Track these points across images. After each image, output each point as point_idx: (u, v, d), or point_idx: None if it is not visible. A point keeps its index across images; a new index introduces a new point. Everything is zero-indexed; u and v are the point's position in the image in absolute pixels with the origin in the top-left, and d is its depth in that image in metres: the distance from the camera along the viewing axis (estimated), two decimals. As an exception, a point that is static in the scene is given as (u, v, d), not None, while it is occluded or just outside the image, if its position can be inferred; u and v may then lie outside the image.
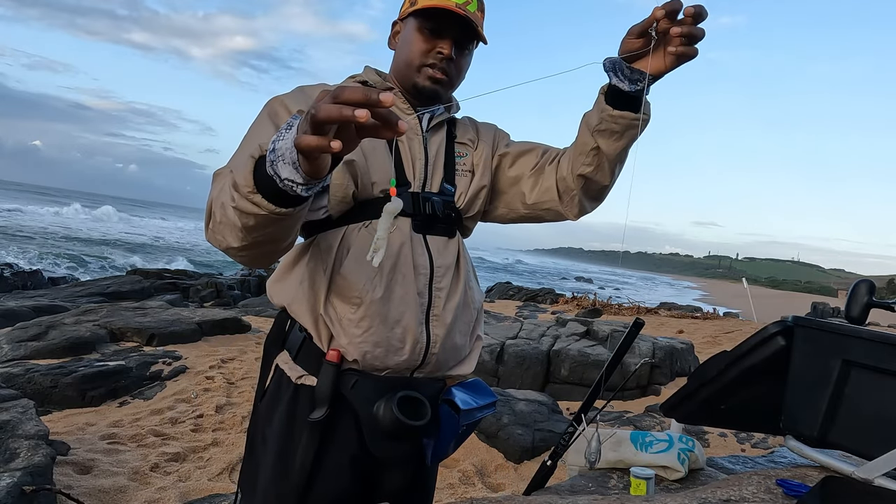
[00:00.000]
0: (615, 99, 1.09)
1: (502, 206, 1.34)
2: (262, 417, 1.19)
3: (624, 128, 1.11)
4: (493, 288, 19.04)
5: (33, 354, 4.97)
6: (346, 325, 1.10)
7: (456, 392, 1.21)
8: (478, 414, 1.23)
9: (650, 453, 1.32)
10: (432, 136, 1.26)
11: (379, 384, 1.12)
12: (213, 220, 0.94)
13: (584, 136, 1.17)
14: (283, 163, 0.75)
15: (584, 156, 1.18)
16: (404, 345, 1.12)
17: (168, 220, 69.91)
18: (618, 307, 13.47)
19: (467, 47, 1.21)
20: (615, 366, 1.43)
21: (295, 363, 1.16)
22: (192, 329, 6.01)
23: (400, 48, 1.23)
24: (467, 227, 1.32)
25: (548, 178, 1.27)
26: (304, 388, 1.14)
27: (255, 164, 0.81)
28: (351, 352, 1.11)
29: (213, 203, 0.95)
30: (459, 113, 1.36)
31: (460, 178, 1.26)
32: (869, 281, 1.08)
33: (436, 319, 1.16)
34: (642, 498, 1.05)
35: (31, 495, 2.39)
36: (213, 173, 1.03)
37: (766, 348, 1.05)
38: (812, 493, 0.93)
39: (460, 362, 1.24)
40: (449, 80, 1.20)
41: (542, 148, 1.33)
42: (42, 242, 25.95)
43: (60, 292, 9.97)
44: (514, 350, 5.84)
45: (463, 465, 3.59)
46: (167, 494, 2.89)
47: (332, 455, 1.13)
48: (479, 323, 1.31)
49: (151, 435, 3.65)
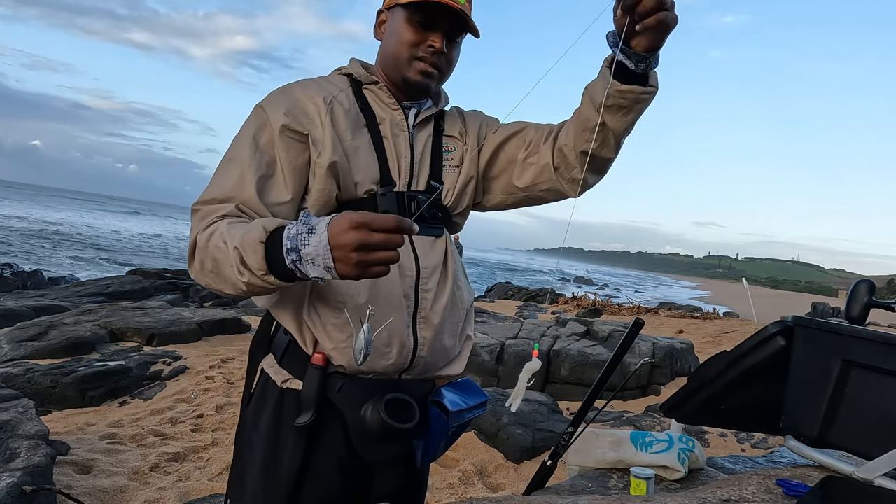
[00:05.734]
0: (621, 72, 1.03)
1: (499, 193, 1.30)
2: (248, 423, 1.16)
3: (632, 102, 1.06)
4: (493, 288, 19.04)
5: (33, 354, 4.97)
6: (329, 331, 1.08)
7: (445, 393, 1.19)
8: (468, 415, 1.20)
9: (650, 453, 1.32)
10: (419, 131, 1.21)
11: (366, 387, 1.10)
12: (203, 267, 1.00)
13: (588, 112, 1.11)
14: (314, 265, 0.87)
15: (588, 132, 1.12)
16: (391, 348, 1.10)
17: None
18: (618, 307, 13.47)
19: (457, 39, 1.18)
20: (615, 366, 1.43)
21: (280, 367, 1.14)
22: (192, 329, 6.01)
23: (387, 39, 1.18)
24: (456, 223, 1.28)
25: (543, 156, 1.21)
26: (289, 393, 1.11)
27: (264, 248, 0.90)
28: (336, 357, 1.09)
29: (200, 251, 1.00)
30: (447, 105, 1.31)
31: (448, 174, 1.22)
32: (869, 281, 1.08)
33: (423, 321, 1.13)
34: (642, 498, 1.04)
35: (31, 495, 2.38)
36: (191, 207, 1.06)
37: (766, 348, 1.05)
38: (812, 493, 0.93)
39: (450, 363, 1.22)
40: (440, 74, 1.17)
41: (534, 126, 1.27)
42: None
43: (60, 292, 9.97)
44: (514, 350, 5.84)
45: (463, 465, 3.59)
46: (167, 494, 2.89)
47: (319, 460, 1.11)
48: (469, 322, 1.27)
49: (151, 435, 3.65)
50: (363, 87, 1.19)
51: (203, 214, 1.03)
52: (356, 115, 1.14)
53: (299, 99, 1.11)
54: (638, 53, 1.00)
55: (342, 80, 1.19)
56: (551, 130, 1.23)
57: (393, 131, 1.17)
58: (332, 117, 1.10)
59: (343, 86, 1.17)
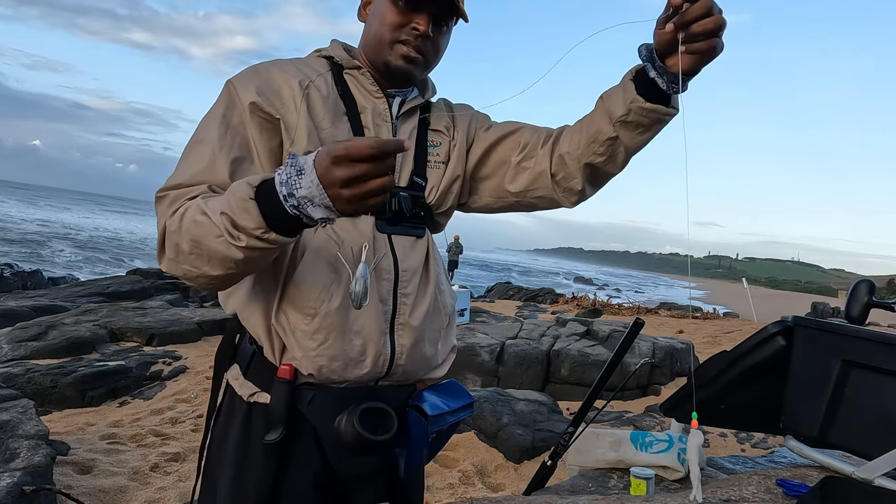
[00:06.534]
0: (646, 88, 0.96)
1: (487, 195, 1.22)
2: (216, 438, 1.08)
3: (653, 122, 1.00)
4: (493, 288, 19.04)
5: (33, 354, 4.97)
6: (299, 337, 0.99)
7: (426, 396, 1.11)
8: (450, 418, 1.13)
9: (650, 453, 1.32)
10: (402, 122, 1.13)
11: (339, 397, 1.02)
12: (179, 251, 0.88)
13: (601, 124, 1.03)
14: (314, 206, 0.77)
15: (597, 144, 1.05)
16: (365, 357, 1.02)
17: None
18: (618, 307, 13.48)
19: (446, 24, 1.09)
20: (615, 366, 1.43)
21: (245, 379, 1.06)
22: (192, 329, 6.02)
23: (370, 21, 1.10)
24: (438, 222, 1.20)
25: (540, 163, 1.13)
26: (257, 407, 1.03)
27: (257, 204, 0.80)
28: (305, 365, 1.00)
29: (173, 235, 0.89)
30: (434, 96, 1.22)
31: (432, 171, 1.14)
32: (869, 281, 1.08)
33: (401, 328, 1.05)
34: (642, 498, 1.05)
35: (31, 495, 2.39)
36: (155, 195, 0.95)
37: (766, 348, 1.05)
38: (812, 493, 0.93)
39: (432, 370, 1.15)
40: (424, 60, 1.08)
41: (529, 128, 1.19)
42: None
43: (60, 292, 9.97)
44: (514, 350, 5.84)
45: (463, 465, 3.59)
46: (167, 494, 2.89)
47: (292, 478, 1.04)
48: (452, 329, 1.20)
49: (151, 435, 3.65)
50: (344, 71, 1.11)
51: (171, 200, 0.93)
52: (335, 101, 1.07)
53: (274, 80, 1.03)
54: (673, 73, 0.93)
55: (321, 64, 1.11)
56: (549, 135, 1.16)
57: (375, 121, 1.09)
58: (308, 103, 1.03)
59: (322, 69, 1.09)
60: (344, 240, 1.01)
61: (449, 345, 1.19)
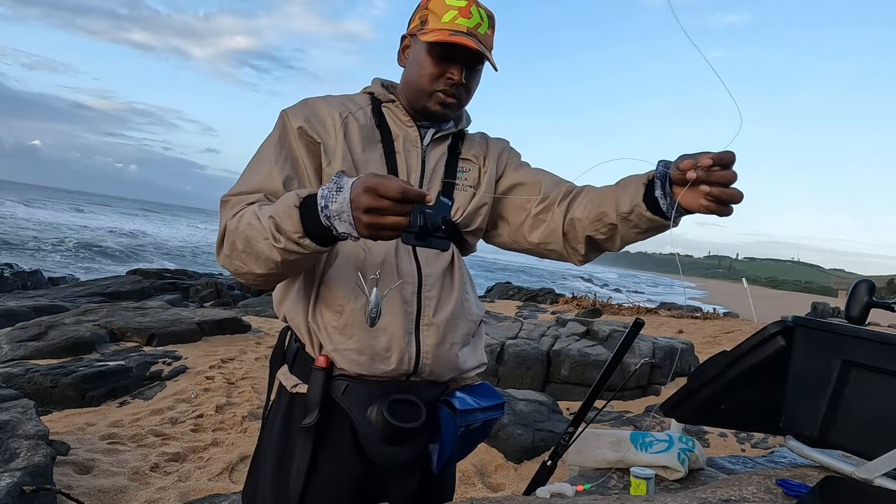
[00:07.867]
0: (653, 199, 1.05)
1: (506, 235, 1.32)
2: (265, 432, 1.21)
3: (649, 228, 1.09)
4: (493, 288, 19.05)
5: (33, 354, 4.97)
6: (330, 332, 1.12)
7: (457, 393, 1.20)
8: (479, 415, 1.20)
9: (650, 453, 1.32)
10: (433, 148, 1.24)
11: (372, 389, 1.12)
12: (234, 249, 1.03)
13: (608, 208, 1.13)
14: (341, 221, 0.90)
15: (601, 224, 1.15)
16: (390, 353, 1.12)
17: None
18: (618, 307, 13.47)
19: (477, 67, 1.20)
20: (615, 366, 1.43)
21: (291, 374, 1.18)
22: (192, 329, 6.01)
23: (409, 68, 1.22)
24: (468, 241, 1.28)
25: (556, 219, 1.23)
26: (298, 397, 1.15)
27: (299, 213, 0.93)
28: (337, 358, 1.12)
29: (231, 233, 1.03)
30: (471, 127, 1.33)
31: (460, 193, 1.24)
32: (869, 281, 1.08)
33: (426, 328, 1.15)
34: (642, 498, 1.04)
35: (31, 495, 2.39)
36: (220, 199, 1.12)
37: (766, 348, 1.05)
38: (812, 493, 0.93)
39: (463, 373, 1.23)
40: (458, 103, 1.20)
41: (553, 180, 1.28)
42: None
43: (60, 292, 9.98)
44: (514, 350, 5.84)
45: (463, 465, 3.59)
46: (167, 494, 2.89)
47: (327, 460, 1.13)
48: (481, 340, 1.28)
49: (151, 435, 3.65)
50: (382, 105, 1.25)
51: (233, 204, 1.09)
52: (371, 130, 1.21)
53: (319, 111, 1.19)
54: (670, 194, 1.01)
55: (364, 99, 1.26)
56: (568, 192, 1.24)
57: (406, 147, 1.21)
58: (345, 130, 1.17)
59: (363, 104, 1.24)
60: (371, 247, 1.13)
61: (479, 356, 1.27)
